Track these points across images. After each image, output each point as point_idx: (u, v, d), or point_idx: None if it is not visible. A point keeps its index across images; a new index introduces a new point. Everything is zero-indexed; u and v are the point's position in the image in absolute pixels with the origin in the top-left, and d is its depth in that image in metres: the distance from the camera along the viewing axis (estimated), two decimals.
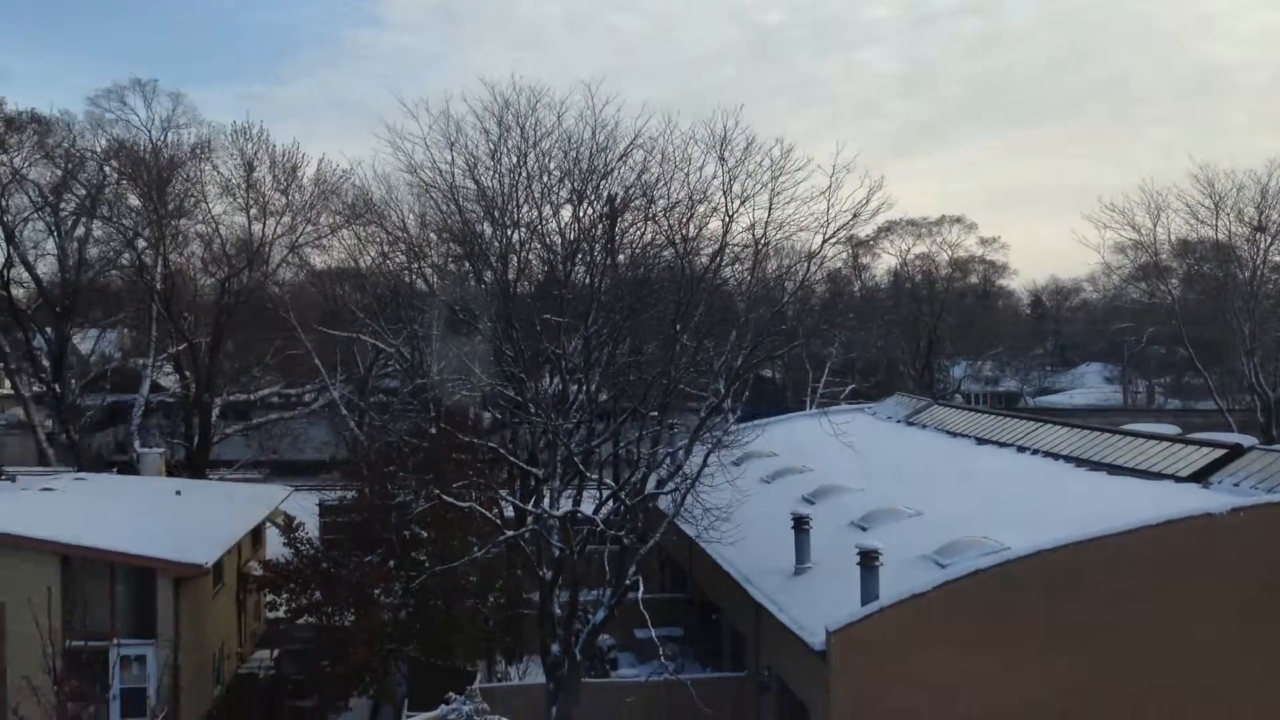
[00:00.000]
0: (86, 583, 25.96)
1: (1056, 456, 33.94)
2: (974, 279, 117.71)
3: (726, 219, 27.13)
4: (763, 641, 26.26)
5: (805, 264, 29.23)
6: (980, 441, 39.60)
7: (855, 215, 26.62)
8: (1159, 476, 28.50)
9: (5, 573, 23.91)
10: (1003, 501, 29.23)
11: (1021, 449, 36.45)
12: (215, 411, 55.60)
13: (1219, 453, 28.23)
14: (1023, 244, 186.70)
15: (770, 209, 26.83)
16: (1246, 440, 33.69)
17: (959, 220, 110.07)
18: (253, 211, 55.87)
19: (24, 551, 25.82)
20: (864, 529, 28.36)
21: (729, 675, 28.57)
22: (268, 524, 37.04)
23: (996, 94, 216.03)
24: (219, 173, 56.75)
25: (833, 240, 27.29)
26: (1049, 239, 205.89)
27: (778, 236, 28.23)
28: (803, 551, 27.21)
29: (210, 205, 57.40)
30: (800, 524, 27.41)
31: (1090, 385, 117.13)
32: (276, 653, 34.86)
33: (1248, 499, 23.13)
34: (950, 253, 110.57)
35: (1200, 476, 27.45)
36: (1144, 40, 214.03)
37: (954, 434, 42.22)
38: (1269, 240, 66.16)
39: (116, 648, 26.73)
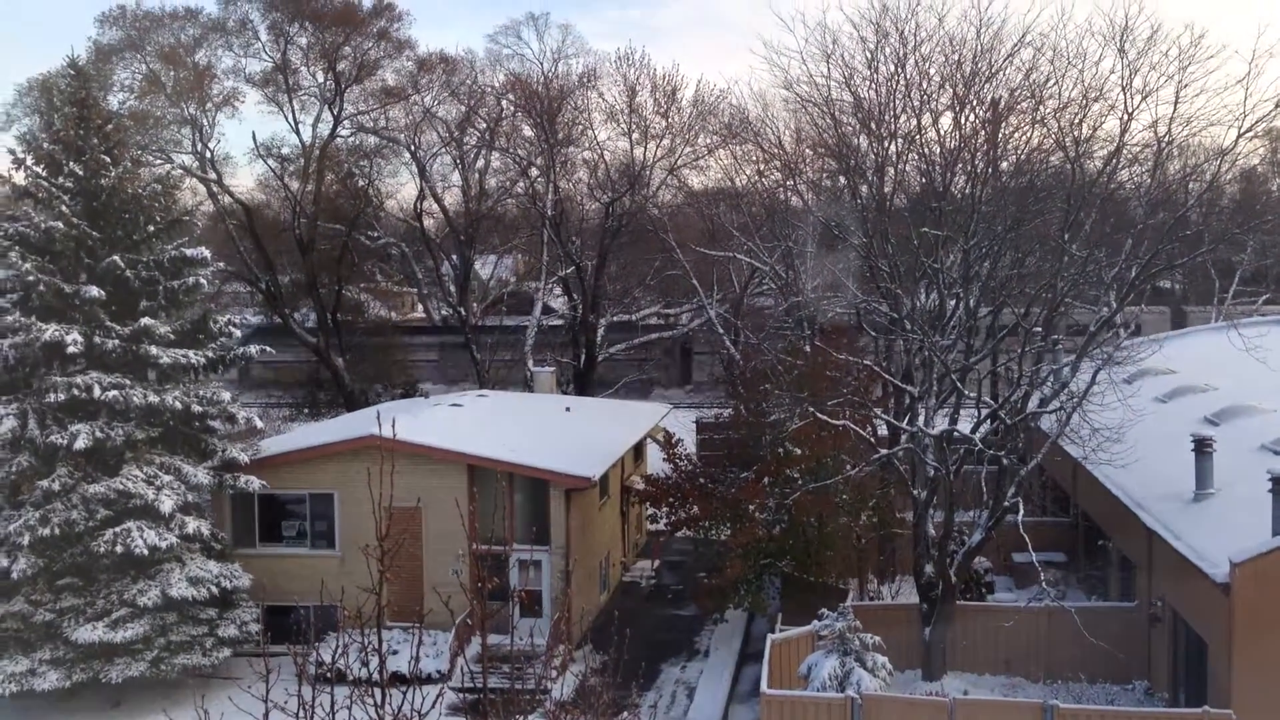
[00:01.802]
0: (490, 491, 28.31)
1: None
2: None
3: (1125, 117, 25.28)
4: (1155, 571, 24.69)
5: (1216, 162, 26.74)
6: None
7: (1278, 105, 24.00)
8: None
9: (422, 480, 26.46)
10: None
11: None
12: (600, 331, 58.73)
13: None
14: None
15: (1176, 104, 24.76)
16: None
17: None
18: (635, 136, 58.19)
19: (438, 462, 28.51)
20: (1278, 453, 25.87)
21: (1116, 605, 27.10)
22: (649, 440, 38.79)
23: None
24: (604, 100, 59.44)
25: (1249, 134, 24.80)
26: None
27: (1183, 134, 26.03)
28: (1204, 476, 25.20)
29: (595, 132, 60.35)
30: (1202, 446, 25.35)
31: None
32: (657, 563, 36.74)
33: None
34: None
35: None
36: None
37: None
38: None
39: (516, 553, 29.10)
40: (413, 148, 61.06)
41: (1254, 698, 19.69)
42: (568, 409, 39.47)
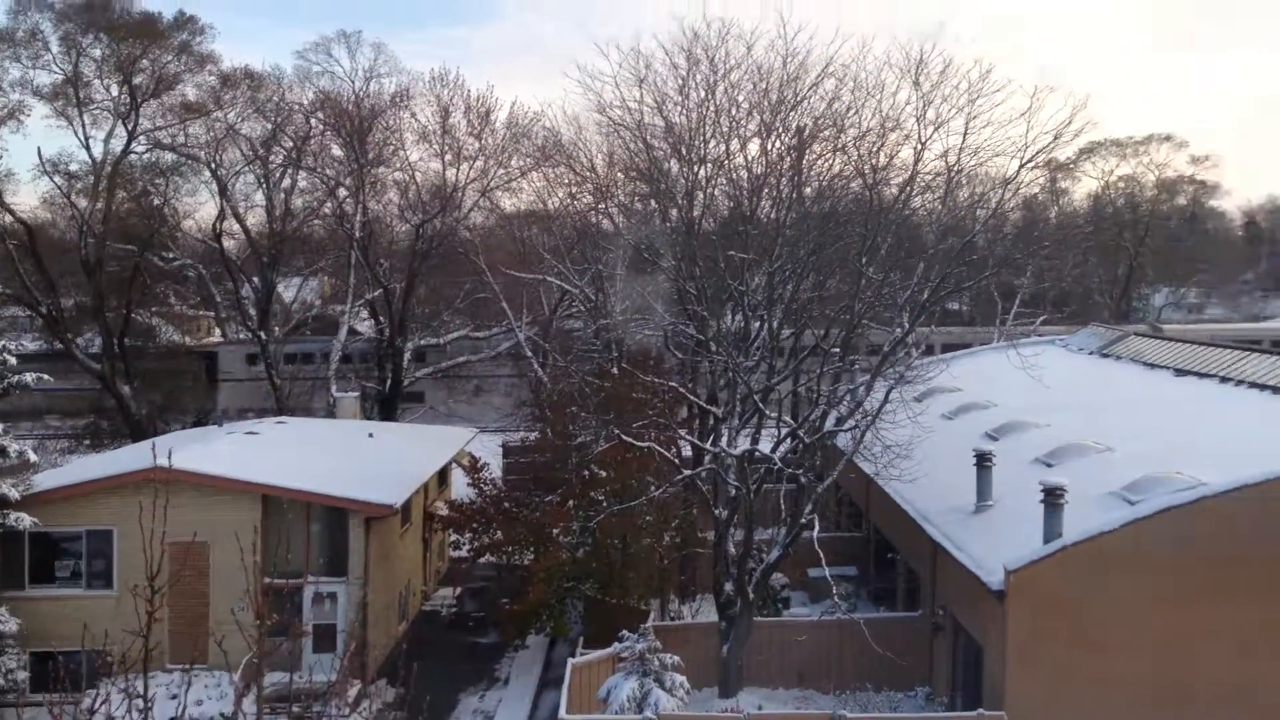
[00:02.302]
0: (284, 522, 27.34)
1: (1264, 387, 31.96)
2: (1181, 200, 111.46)
3: (919, 146, 26.52)
4: (939, 581, 25.80)
5: (1000, 190, 28.22)
6: (1179, 373, 37.61)
7: (1056, 137, 25.65)
8: None
9: (210, 513, 25.35)
10: (1199, 436, 27.74)
11: (1225, 380, 34.45)
12: (407, 355, 57.82)
13: None
14: (1241, 161, 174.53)
15: (965, 134, 26.07)
16: None
17: (1168, 138, 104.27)
18: (447, 157, 57.65)
19: (228, 493, 27.38)
20: (1049, 465, 27.39)
21: (903, 615, 28.21)
22: (454, 465, 38.31)
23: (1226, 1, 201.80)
24: (416, 120, 58.71)
25: (1030, 165, 26.31)
26: (1272, 154, 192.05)
27: (972, 163, 27.40)
28: (984, 489, 26.49)
29: (407, 152, 59.51)
30: (982, 461, 26.66)
31: None
32: (459, 590, 36.22)
33: None
34: (1157, 173, 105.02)
35: None
36: None
37: (1151, 365, 40.22)
38: None
39: (311, 585, 28.19)
40: (213, 165, 59.00)
41: (1026, 699, 20.70)
42: (370, 434, 38.67)
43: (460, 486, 35.89)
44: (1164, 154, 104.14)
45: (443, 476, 38.61)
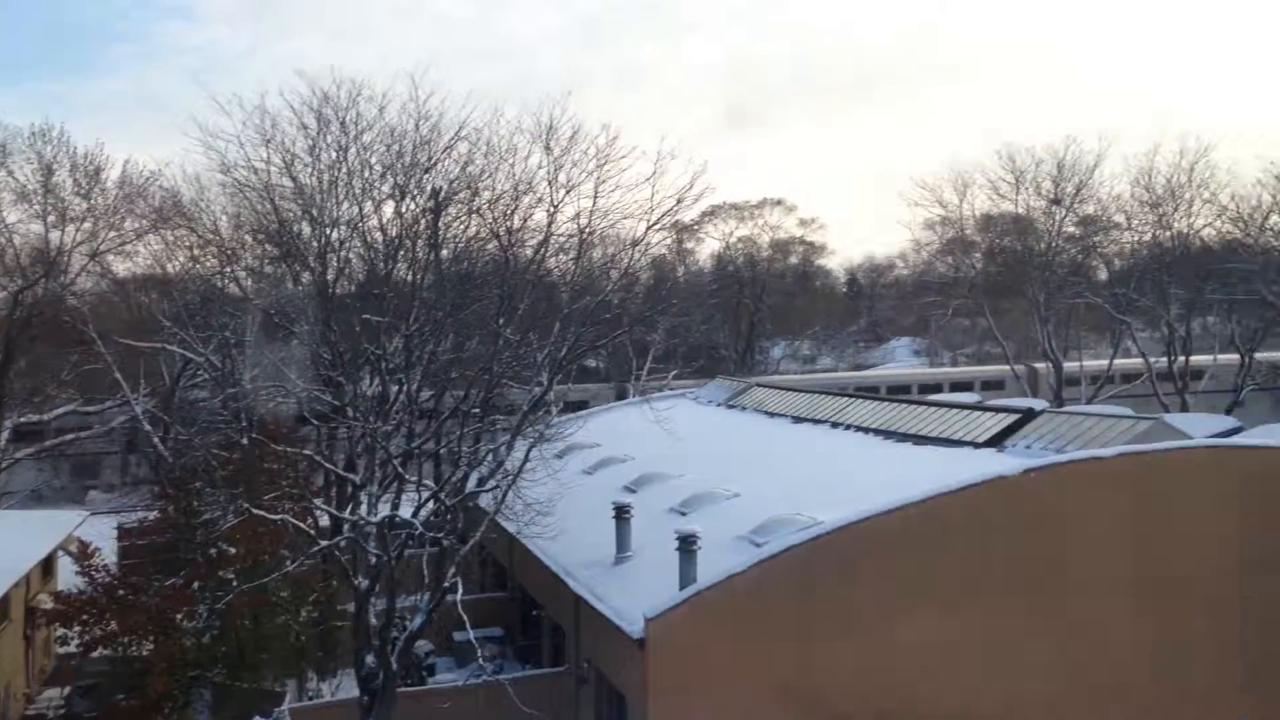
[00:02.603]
0: None
1: (867, 430, 34.88)
2: (794, 260, 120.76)
3: (551, 209, 26.92)
4: (583, 634, 26.09)
5: (629, 251, 29.20)
6: (797, 420, 40.42)
7: (679, 201, 26.71)
8: (959, 443, 29.55)
9: None
10: (817, 477, 29.83)
11: (835, 425, 37.31)
12: (4, 436, 52.25)
13: (1013, 417, 29.46)
14: (840, 223, 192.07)
15: (595, 197, 26.71)
16: (1038, 404, 35.22)
17: (779, 203, 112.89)
18: (50, 219, 52.85)
19: None
20: (684, 514, 28.52)
21: (548, 671, 28.31)
22: (60, 552, 34.90)
23: (818, 78, 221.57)
24: (14, 179, 53.38)
25: (657, 227, 27.33)
26: (864, 217, 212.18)
27: (602, 225, 28.16)
28: (623, 540, 27.17)
29: (4, 214, 54.00)
30: (621, 513, 27.36)
31: (900, 359, 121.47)
32: (68, 690, 32.77)
33: (1038, 460, 24.08)
34: (771, 234, 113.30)
35: (997, 441, 28.59)
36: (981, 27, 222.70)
37: (772, 414, 42.99)
38: (1063, 212, 69.55)
39: None
40: None
41: None
42: None
43: (68, 575, 32.62)
44: (776, 216, 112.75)
45: (47, 566, 35.05)
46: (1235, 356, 64.32)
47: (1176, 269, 64.92)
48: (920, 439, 31.52)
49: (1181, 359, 64.39)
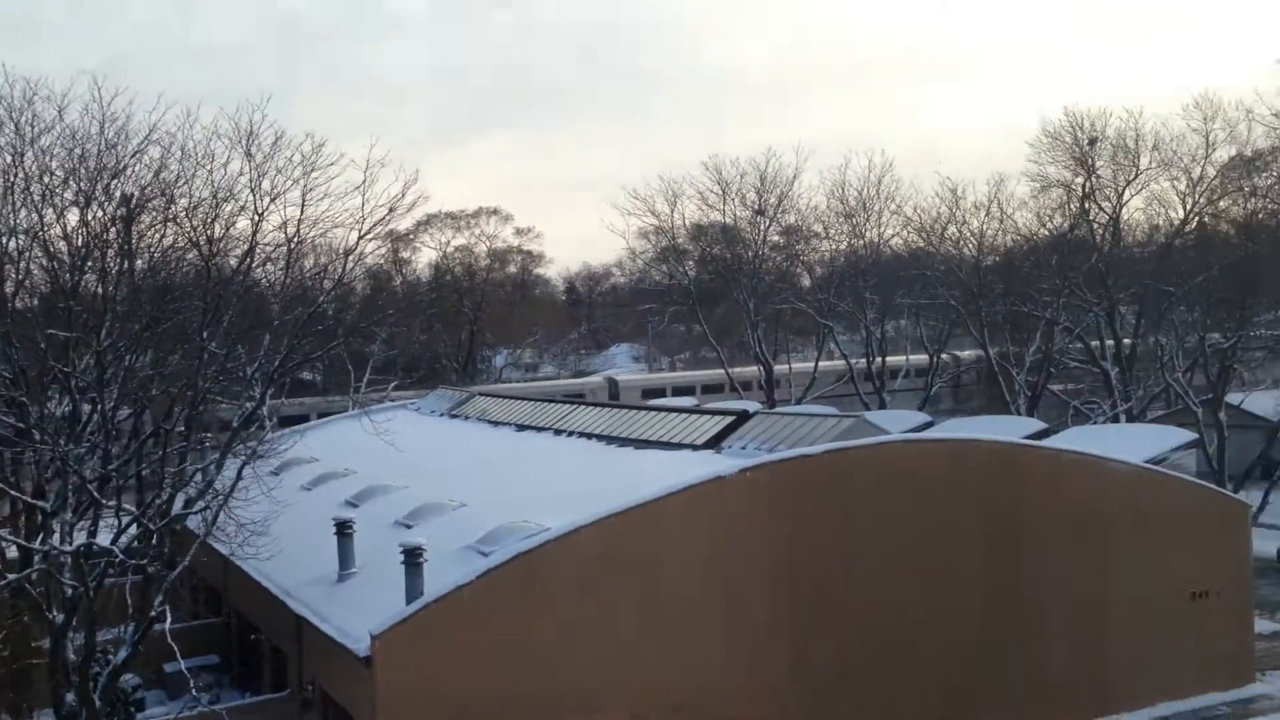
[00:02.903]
0: None
1: (590, 436, 35.50)
2: (512, 269, 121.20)
3: (256, 218, 25.87)
4: (306, 656, 25.26)
5: (342, 261, 28.48)
6: (521, 428, 40.62)
7: (391, 210, 26.32)
8: (680, 446, 30.57)
9: None
10: (543, 485, 30.11)
11: (559, 432, 37.76)
12: None
13: (729, 420, 30.74)
14: (557, 233, 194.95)
15: (303, 205, 25.92)
16: (752, 406, 36.92)
17: (495, 212, 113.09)
18: None
19: None
20: (409, 526, 28.09)
21: (270, 697, 27.21)
22: None
23: (526, 86, 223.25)
24: None
25: (369, 236, 26.83)
26: (580, 226, 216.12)
27: (312, 234, 27.37)
28: (346, 557, 26.49)
29: None
30: (343, 529, 26.67)
31: (620, 365, 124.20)
32: None
33: (753, 459, 25.21)
34: (488, 244, 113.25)
35: (714, 442, 29.76)
36: (657, 44, 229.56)
37: (496, 423, 43.02)
38: (767, 222, 73.12)
39: None
40: None
41: None
42: None
43: None
44: (493, 226, 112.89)
45: None
46: (925, 356, 69.48)
47: (871, 276, 69.51)
48: (642, 443, 32.36)
49: (879, 360, 69.00)
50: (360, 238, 26.46)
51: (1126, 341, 57.59)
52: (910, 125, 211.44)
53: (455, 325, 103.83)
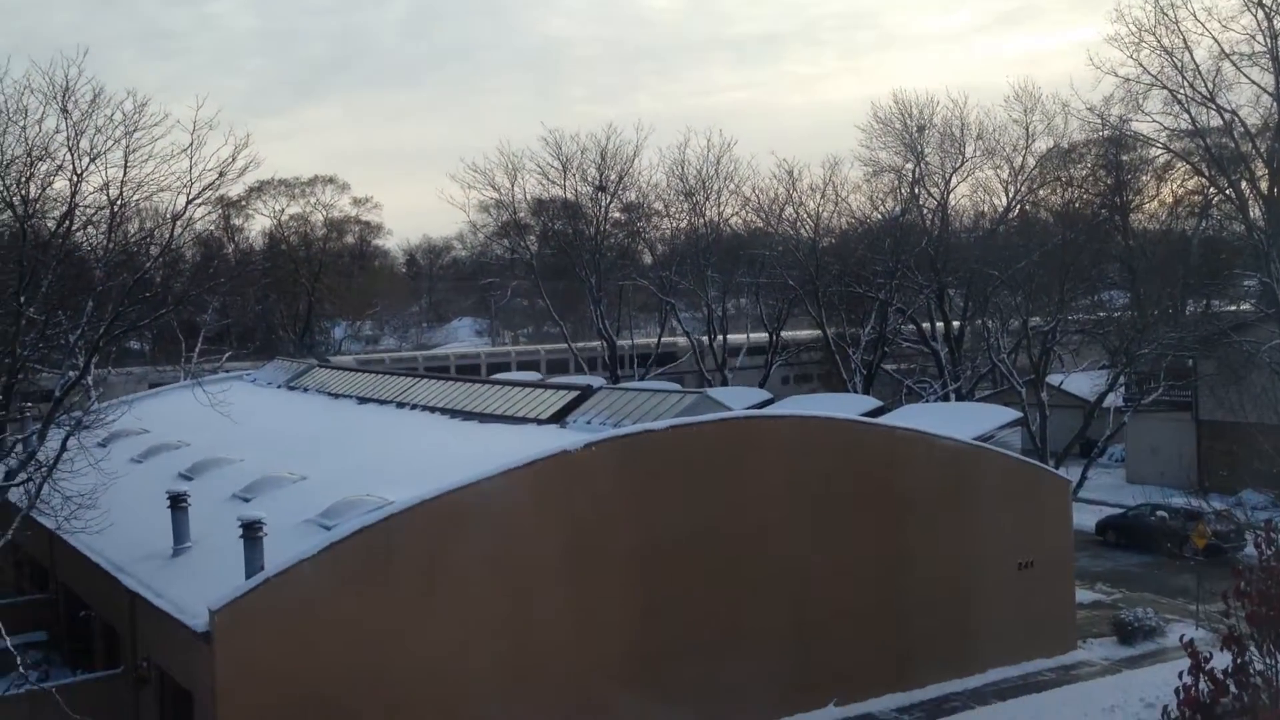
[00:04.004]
0: None
1: (433, 409, 35.32)
2: (350, 239, 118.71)
3: (75, 178, 24.78)
4: (141, 632, 24.56)
5: (170, 226, 27.53)
6: (362, 401, 40.11)
7: (221, 174, 25.52)
8: (524, 421, 30.71)
9: None
10: (386, 458, 29.84)
11: (401, 405, 37.43)
12: None
13: (573, 395, 31.01)
14: (396, 205, 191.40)
15: (126, 167, 24.98)
16: (596, 381, 37.32)
17: (332, 180, 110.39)
18: None
19: None
20: (247, 500, 27.58)
21: (102, 675, 26.34)
22: None
23: (356, 55, 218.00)
24: None
25: (199, 201, 25.99)
26: (420, 199, 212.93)
27: (136, 197, 26.38)
28: (181, 531, 25.85)
29: None
30: (177, 502, 25.99)
31: (463, 339, 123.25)
32: None
33: (598, 434, 25.54)
34: (325, 213, 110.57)
35: (559, 417, 29.99)
36: (487, 13, 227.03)
37: (336, 395, 42.34)
38: (609, 199, 73.43)
39: None
40: None
41: None
42: None
43: None
44: (330, 195, 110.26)
45: None
46: (765, 335, 71.06)
47: (712, 254, 70.58)
48: (486, 417, 32.37)
49: (720, 337, 70.21)
50: (189, 202, 25.65)
51: (955, 323, 60.05)
52: (744, 103, 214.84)
53: (292, 295, 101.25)
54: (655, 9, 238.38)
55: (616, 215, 76.99)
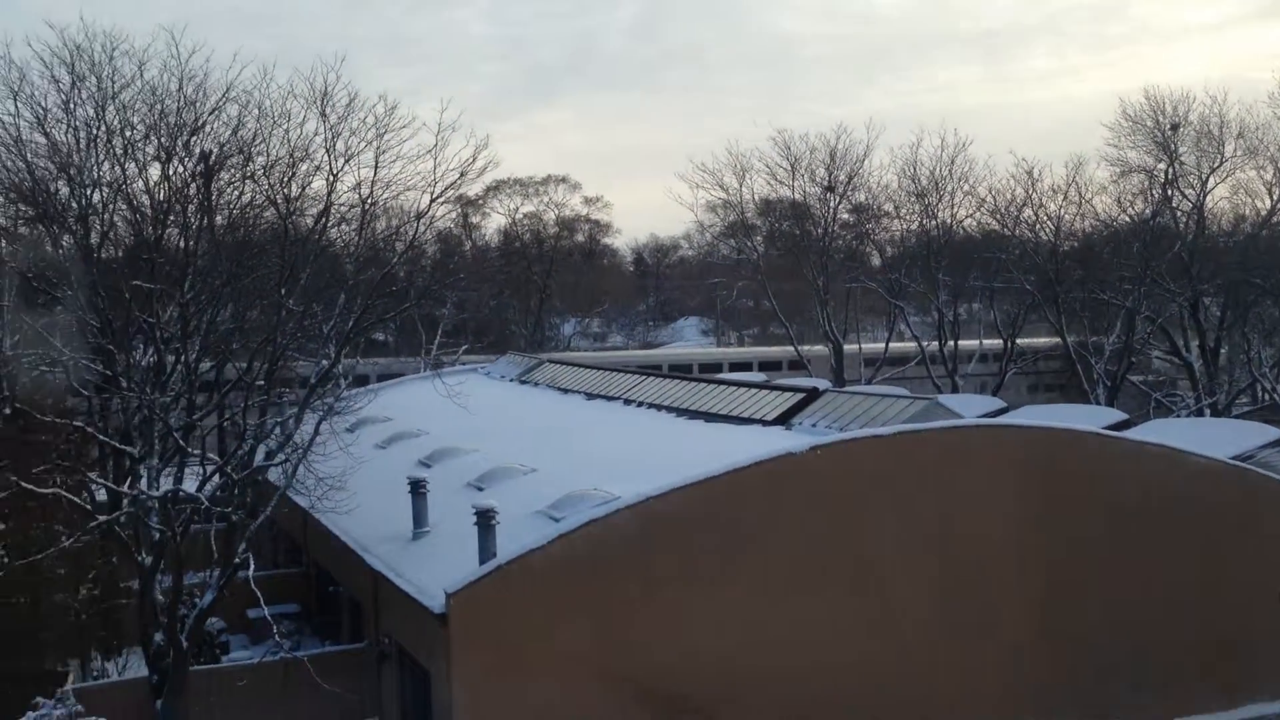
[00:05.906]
0: None
1: (660, 407, 35.78)
2: (580, 237, 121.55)
3: (331, 178, 26.40)
4: (382, 610, 25.86)
5: (414, 224, 28.87)
6: (590, 397, 41.02)
7: (462, 174, 26.64)
8: (749, 421, 30.68)
9: None
10: (612, 454, 30.39)
11: (628, 402, 38.08)
12: None
13: (799, 396, 30.80)
14: (624, 203, 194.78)
15: (376, 167, 26.38)
16: (822, 384, 36.95)
17: (564, 180, 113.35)
18: None
19: None
20: (481, 489, 28.56)
21: (347, 647, 27.91)
22: None
23: (587, 58, 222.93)
24: None
25: (441, 200, 27.16)
26: (648, 198, 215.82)
27: (385, 196, 27.79)
28: (420, 515, 27.03)
29: None
30: (417, 488, 27.19)
31: (689, 338, 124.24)
32: None
33: (824, 437, 25.21)
34: (557, 212, 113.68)
35: (784, 419, 29.82)
36: (716, 14, 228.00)
37: (565, 390, 43.46)
38: (837, 199, 72.50)
39: None
40: None
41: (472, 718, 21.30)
42: None
43: None
44: (561, 194, 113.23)
45: None
46: (999, 341, 68.67)
47: (944, 256, 68.68)
48: (711, 416, 32.55)
49: (951, 343, 68.24)
50: (432, 201, 26.81)
51: (1211, 334, 56.40)
52: (974, 100, 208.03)
53: (524, 292, 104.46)
54: (888, 3, 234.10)
55: (845, 216, 75.97)
